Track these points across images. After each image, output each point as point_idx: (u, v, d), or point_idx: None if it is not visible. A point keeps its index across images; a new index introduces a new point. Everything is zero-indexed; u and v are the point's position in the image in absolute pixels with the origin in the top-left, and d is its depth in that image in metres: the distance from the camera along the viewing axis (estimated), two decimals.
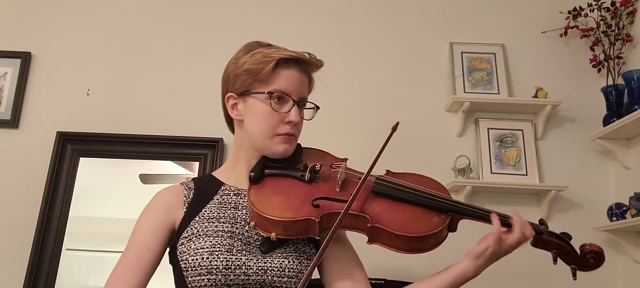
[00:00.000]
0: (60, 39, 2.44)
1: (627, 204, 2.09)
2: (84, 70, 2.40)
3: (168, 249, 1.18)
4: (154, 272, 1.15)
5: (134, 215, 1.21)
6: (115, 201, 2.35)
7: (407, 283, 1.21)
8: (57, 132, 2.26)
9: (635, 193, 2.05)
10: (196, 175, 2.26)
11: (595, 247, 1.14)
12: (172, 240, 1.17)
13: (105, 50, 2.43)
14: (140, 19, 2.48)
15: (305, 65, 1.23)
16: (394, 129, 1.21)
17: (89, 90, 2.38)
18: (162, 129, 2.29)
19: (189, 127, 2.31)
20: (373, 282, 1.81)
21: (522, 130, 2.34)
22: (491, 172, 2.26)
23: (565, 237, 1.17)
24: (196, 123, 2.31)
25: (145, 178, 2.32)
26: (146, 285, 1.13)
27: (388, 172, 1.26)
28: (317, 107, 1.28)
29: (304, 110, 1.25)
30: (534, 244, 1.15)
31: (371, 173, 1.17)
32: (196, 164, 2.28)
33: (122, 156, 2.28)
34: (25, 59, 2.38)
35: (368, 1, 2.54)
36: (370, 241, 1.12)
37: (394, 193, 1.16)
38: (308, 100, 1.26)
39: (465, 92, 2.36)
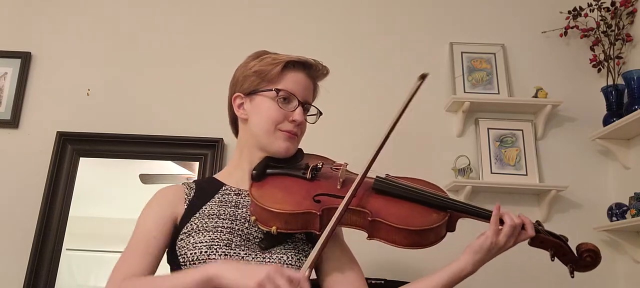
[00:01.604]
0: (60, 39, 2.44)
1: (627, 204, 2.09)
2: (84, 70, 2.40)
3: (167, 249, 1.19)
4: (160, 260, 1.16)
5: (134, 215, 1.22)
6: (115, 201, 2.35)
7: (406, 283, 1.21)
8: (57, 132, 2.26)
9: (635, 193, 2.05)
10: (196, 175, 2.26)
11: (591, 246, 1.18)
12: (173, 237, 1.18)
13: (105, 51, 2.43)
14: (140, 19, 2.48)
15: (311, 70, 1.28)
16: (423, 78, 1.25)
17: (89, 90, 2.38)
18: (162, 129, 2.29)
19: (189, 127, 2.31)
20: (373, 281, 1.82)
21: (522, 130, 2.34)
22: (491, 172, 2.26)
23: (561, 239, 1.19)
24: (196, 123, 2.31)
25: (145, 178, 2.32)
26: (155, 270, 1.14)
27: (388, 176, 1.28)
28: (320, 113, 1.33)
29: (308, 115, 1.30)
30: (532, 243, 1.18)
31: (371, 175, 1.19)
32: (196, 164, 2.28)
33: (122, 156, 2.28)
34: (25, 59, 2.38)
35: (368, 1, 2.54)
36: (370, 237, 1.13)
37: (394, 190, 1.19)
38: (312, 105, 1.31)
39: (465, 92, 2.36)
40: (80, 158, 2.27)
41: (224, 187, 1.25)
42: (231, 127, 1.35)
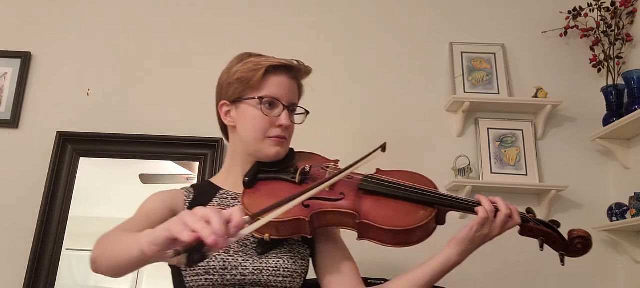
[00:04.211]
0: (60, 39, 2.44)
1: (627, 204, 2.09)
2: (84, 70, 2.40)
3: None
4: None
5: None
6: (115, 201, 2.35)
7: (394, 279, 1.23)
8: (57, 132, 2.26)
9: (635, 193, 2.05)
10: (196, 175, 2.26)
11: (583, 232, 1.16)
12: None
13: (105, 50, 2.43)
14: (140, 19, 2.48)
15: (294, 72, 1.28)
16: (383, 149, 1.26)
17: (89, 90, 2.38)
18: (162, 128, 2.29)
19: (189, 127, 2.30)
20: (372, 281, 1.81)
21: (522, 130, 2.34)
22: (491, 172, 2.26)
23: (553, 224, 1.19)
24: (196, 123, 2.31)
25: (145, 178, 2.32)
26: None
27: (378, 170, 1.29)
28: (307, 112, 1.33)
29: (295, 115, 1.30)
30: (521, 232, 1.18)
31: (359, 172, 1.21)
32: (196, 164, 2.28)
33: (122, 156, 2.28)
34: (25, 59, 2.38)
35: (368, 1, 2.54)
36: (360, 237, 1.16)
37: (380, 189, 1.20)
38: (298, 106, 1.31)
39: (465, 92, 2.36)
40: (80, 158, 2.27)
41: (221, 191, 1.27)
42: (222, 133, 1.36)
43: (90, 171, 2.28)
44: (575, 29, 2.39)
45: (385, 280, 1.26)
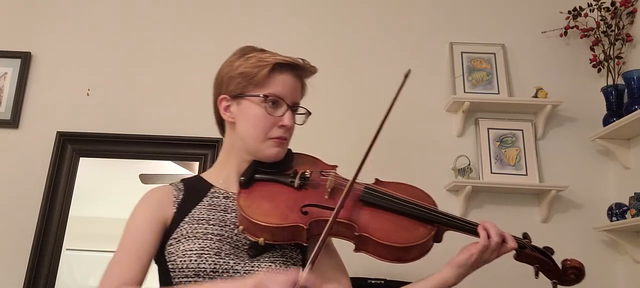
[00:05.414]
0: (60, 39, 2.44)
1: (627, 204, 2.09)
2: (84, 70, 2.40)
3: None
4: (149, 266, 1.13)
5: None
6: (115, 201, 2.35)
7: (407, 284, 1.21)
8: (57, 132, 2.26)
9: (635, 193, 2.05)
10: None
11: (576, 263, 1.16)
12: (162, 240, 1.15)
13: (105, 50, 2.43)
14: (139, 19, 2.48)
15: (299, 70, 1.24)
16: (406, 76, 1.22)
17: (89, 90, 2.38)
18: (162, 128, 2.29)
19: (189, 127, 2.30)
20: (373, 282, 1.82)
21: (522, 130, 2.34)
22: (491, 172, 2.26)
23: (547, 252, 1.18)
24: (196, 123, 2.30)
25: (145, 178, 2.32)
26: (145, 277, 1.11)
27: (377, 180, 1.26)
28: (309, 113, 1.28)
29: (296, 115, 1.25)
30: (517, 258, 1.17)
31: (360, 181, 1.17)
32: (196, 164, 2.28)
33: (122, 156, 2.28)
34: (25, 59, 2.38)
35: (368, 1, 2.54)
36: (357, 249, 1.12)
37: (382, 202, 1.16)
38: (300, 105, 1.26)
39: (465, 92, 2.36)
40: (80, 158, 2.27)
41: (212, 189, 1.22)
42: (217, 127, 1.31)
43: (90, 171, 2.28)
44: (575, 29, 2.39)
45: (385, 280, 1.22)
